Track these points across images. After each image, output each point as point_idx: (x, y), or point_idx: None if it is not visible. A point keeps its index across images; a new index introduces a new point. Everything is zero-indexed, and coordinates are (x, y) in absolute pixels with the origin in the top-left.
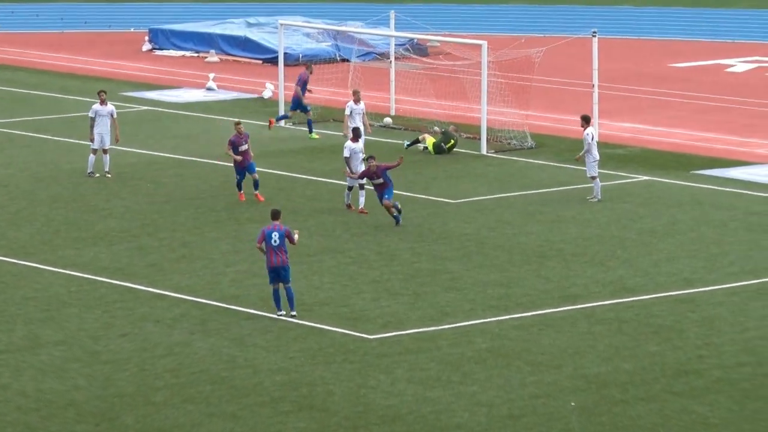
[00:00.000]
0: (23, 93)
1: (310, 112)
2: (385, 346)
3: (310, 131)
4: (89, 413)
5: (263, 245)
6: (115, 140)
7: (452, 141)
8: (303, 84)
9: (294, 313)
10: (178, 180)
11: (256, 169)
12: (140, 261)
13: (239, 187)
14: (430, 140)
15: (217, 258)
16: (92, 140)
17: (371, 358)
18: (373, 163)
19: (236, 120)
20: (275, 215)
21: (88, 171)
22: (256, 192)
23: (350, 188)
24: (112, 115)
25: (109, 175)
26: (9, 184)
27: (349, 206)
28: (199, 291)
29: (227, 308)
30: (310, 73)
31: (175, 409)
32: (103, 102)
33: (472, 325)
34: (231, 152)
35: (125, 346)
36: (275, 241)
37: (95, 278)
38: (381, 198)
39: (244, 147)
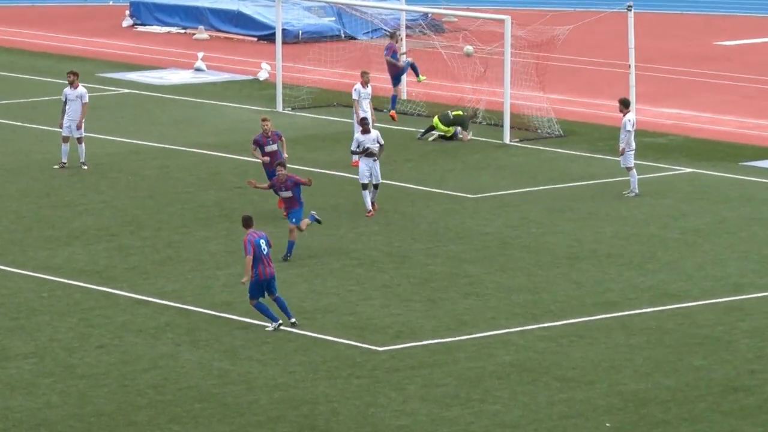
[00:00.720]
0: None
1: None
2: (397, 360)
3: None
4: None
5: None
6: (77, 127)
7: (460, 111)
8: (394, 55)
9: (294, 320)
10: (163, 172)
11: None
12: (120, 263)
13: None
14: (435, 120)
15: (207, 260)
16: (61, 126)
17: (381, 373)
18: (282, 172)
19: (263, 116)
20: (249, 222)
21: (60, 162)
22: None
23: (365, 186)
24: (82, 100)
25: (85, 167)
26: None
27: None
28: (186, 297)
29: (218, 316)
30: (396, 42)
31: (160, 430)
32: (72, 85)
33: (494, 335)
34: (257, 153)
35: (103, 359)
36: (264, 250)
37: (70, 282)
38: (289, 216)
39: (272, 147)
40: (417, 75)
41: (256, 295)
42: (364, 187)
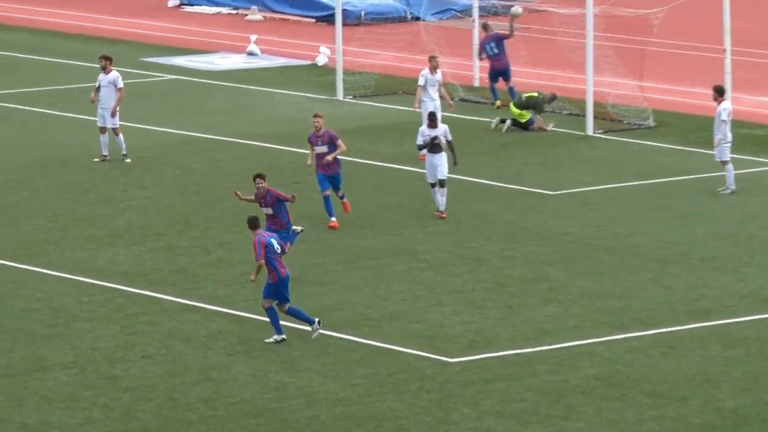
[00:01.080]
0: (21, 58)
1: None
2: (470, 372)
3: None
4: None
5: (266, 259)
6: (111, 114)
7: (534, 93)
8: (499, 45)
9: (318, 319)
10: (212, 166)
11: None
12: (167, 265)
13: (327, 208)
14: (511, 105)
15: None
16: (93, 101)
17: (453, 387)
18: (262, 184)
19: (315, 112)
20: (256, 223)
21: (101, 154)
22: (344, 200)
23: (433, 185)
24: (115, 85)
25: (128, 160)
26: (5, 170)
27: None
28: (239, 303)
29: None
30: (489, 31)
31: None
32: (105, 70)
33: (576, 346)
34: (312, 154)
35: (149, 370)
36: (277, 249)
37: (112, 286)
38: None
39: (322, 149)
40: (511, 92)
41: (272, 296)
42: (433, 186)
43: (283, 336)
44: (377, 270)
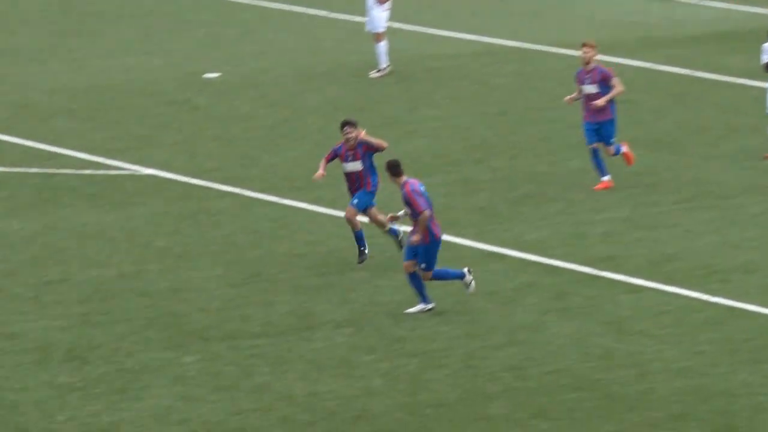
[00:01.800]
0: None
1: None
2: None
3: None
4: (388, 431)
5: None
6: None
7: None
8: None
9: (467, 268)
10: (519, 81)
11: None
12: (463, 202)
13: (596, 164)
14: None
15: (581, 200)
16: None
17: None
18: (351, 134)
19: (585, 40)
20: (399, 168)
21: (380, 67)
22: (622, 150)
23: None
24: None
25: (374, 75)
26: (262, 83)
27: None
28: (554, 249)
29: (597, 276)
30: None
31: (521, 428)
32: None
33: None
34: (574, 95)
35: (442, 331)
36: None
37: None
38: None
39: (590, 88)
40: None
41: (417, 258)
42: None
43: (433, 305)
44: (725, 211)
